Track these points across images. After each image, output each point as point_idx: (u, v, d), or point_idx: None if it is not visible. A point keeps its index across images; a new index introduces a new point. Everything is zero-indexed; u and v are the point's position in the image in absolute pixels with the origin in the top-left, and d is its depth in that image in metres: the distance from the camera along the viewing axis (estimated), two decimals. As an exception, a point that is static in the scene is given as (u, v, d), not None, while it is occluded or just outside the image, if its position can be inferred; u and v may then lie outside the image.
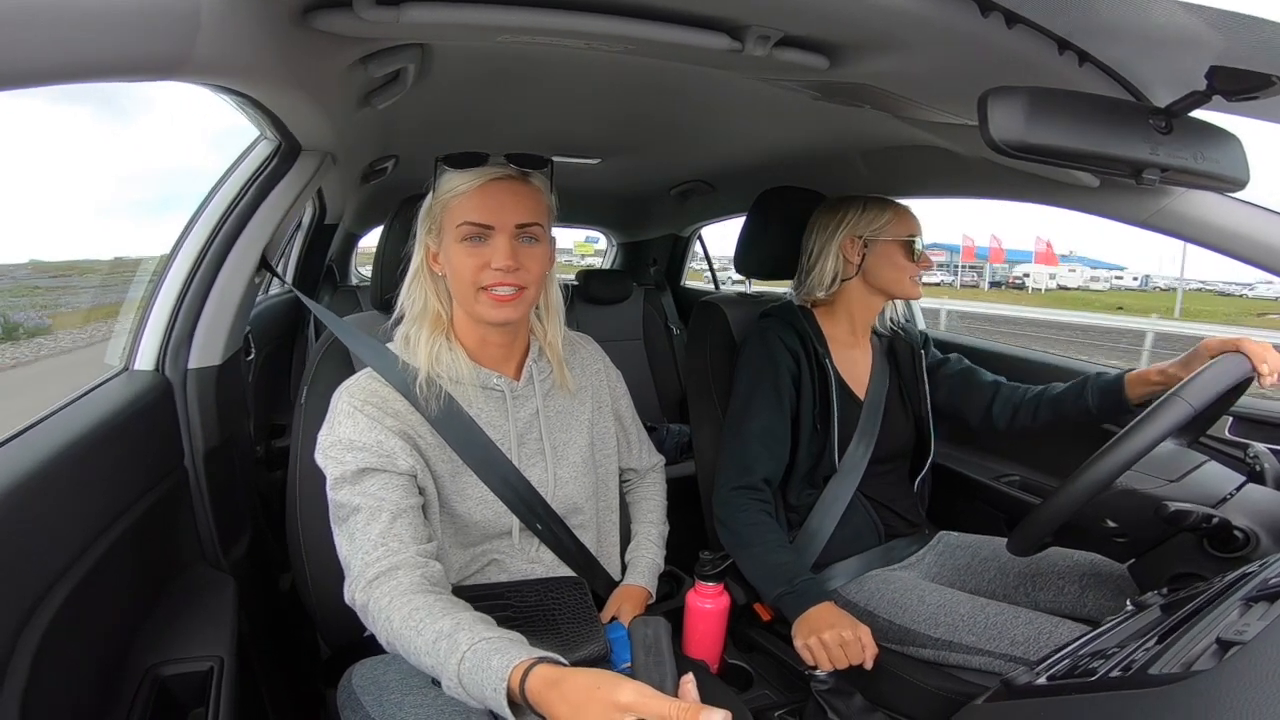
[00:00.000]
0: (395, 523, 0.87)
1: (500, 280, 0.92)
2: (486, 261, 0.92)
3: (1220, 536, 1.01)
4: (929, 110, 1.03)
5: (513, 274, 0.92)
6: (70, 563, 0.77)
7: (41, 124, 0.98)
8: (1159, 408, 0.98)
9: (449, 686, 0.73)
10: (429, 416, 0.95)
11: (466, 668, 0.71)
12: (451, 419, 0.96)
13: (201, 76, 0.65)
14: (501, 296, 0.93)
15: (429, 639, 0.76)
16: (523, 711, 0.69)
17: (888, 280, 1.37)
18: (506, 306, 0.94)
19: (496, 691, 0.68)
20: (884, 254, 1.36)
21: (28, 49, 0.42)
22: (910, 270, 1.37)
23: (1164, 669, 0.57)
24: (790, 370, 1.33)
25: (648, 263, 3.27)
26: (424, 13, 0.68)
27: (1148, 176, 0.77)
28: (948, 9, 0.68)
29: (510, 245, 0.92)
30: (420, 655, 0.77)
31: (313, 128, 1.08)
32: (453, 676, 0.72)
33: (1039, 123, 0.72)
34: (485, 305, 0.94)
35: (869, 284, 1.39)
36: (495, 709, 0.69)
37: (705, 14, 0.77)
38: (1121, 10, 0.66)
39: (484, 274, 0.93)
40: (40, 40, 0.42)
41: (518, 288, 0.93)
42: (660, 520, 1.24)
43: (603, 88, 1.34)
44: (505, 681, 0.68)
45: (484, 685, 0.69)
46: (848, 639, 1.07)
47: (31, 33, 0.41)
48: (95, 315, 1.53)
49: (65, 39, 0.44)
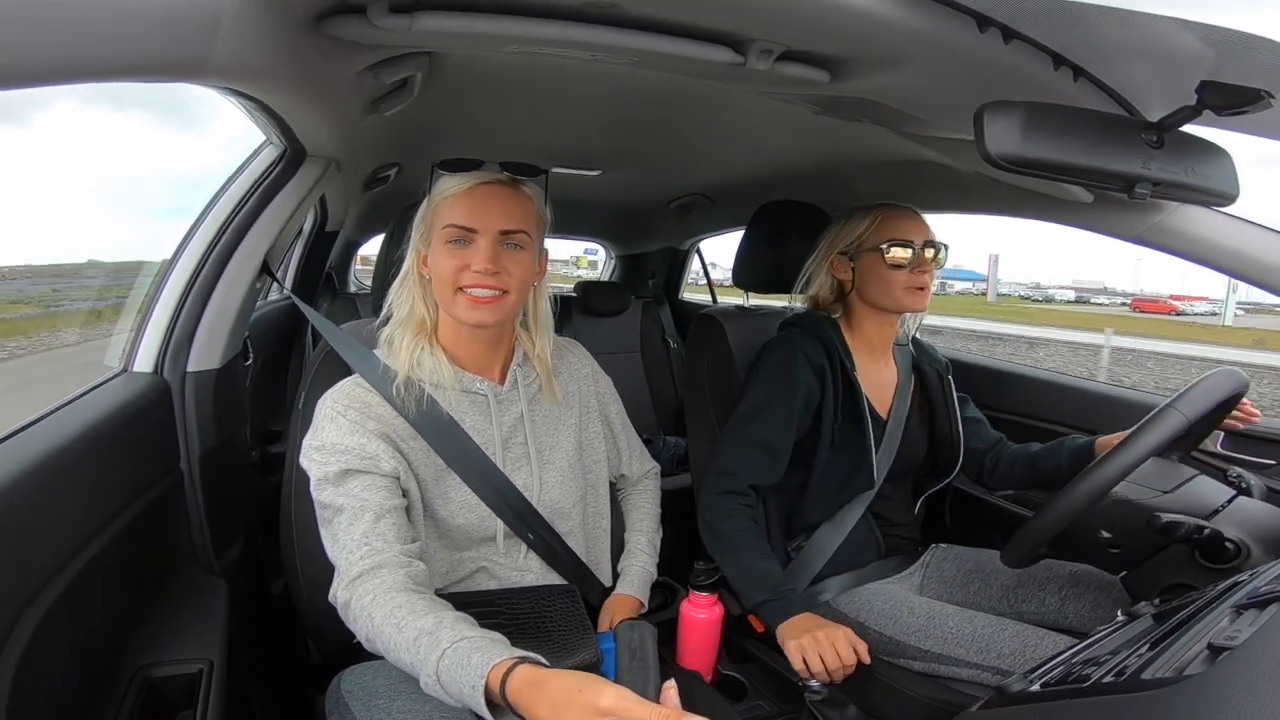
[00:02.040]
0: (379, 523, 0.87)
1: (479, 282, 0.92)
2: (467, 264, 0.93)
3: (1212, 548, 1.02)
4: (927, 125, 1.05)
5: (492, 277, 0.92)
6: (64, 562, 0.77)
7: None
8: (1154, 419, 0.99)
9: (427, 684, 0.72)
10: (409, 418, 0.95)
11: (446, 664, 0.70)
12: (432, 421, 0.97)
13: (218, 79, 0.66)
14: (479, 298, 0.93)
15: (410, 636, 0.75)
16: (502, 711, 0.68)
17: (876, 295, 1.29)
18: (483, 309, 0.94)
19: (475, 689, 0.67)
20: (868, 266, 1.28)
21: (53, 46, 0.43)
22: (899, 280, 1.26)
23: (1156, 674, 0.58)
24: (813, 391, 1.27)
25: (646, 275, 3.28)
26: (436, 21, 0.70)
27: (1140, 191, 0.79)
28: (947, 24, 0.70)
29: (492, 249, 0.92)
30: (400, 652, 0.76)
31: (319, 133, 1.09)
32: (431, 674, 0.71)
33: (1034, 137, 0.73)
34: (462, 306, 0.94)
35: (866, 301, 1.32)
36: (473, 707, 0.68)
37: (709, 28, 0.79)
38: (1116, 26, 0.67)
39: (463, 275, 0.93)
40: (65, 38, 0.43)
41: (498, 291, 0.94)
42: (653, 528, 1.23)
43: (605, 100, 1.36)
44: (484, 679, 0.67)
45: (463, 683, 0.68)
46: (837, 636, 1.07)
47: (56, 30, 0.42)
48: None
49: (90, 37, 0.44)
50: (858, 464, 1.29)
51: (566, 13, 0.73)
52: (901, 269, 1.26)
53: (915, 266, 1.26)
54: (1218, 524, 1.01)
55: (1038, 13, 0.68)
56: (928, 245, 1.27)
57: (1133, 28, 0.67)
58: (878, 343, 1.37)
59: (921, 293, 1.28)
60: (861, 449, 1.29)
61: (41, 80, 0.45)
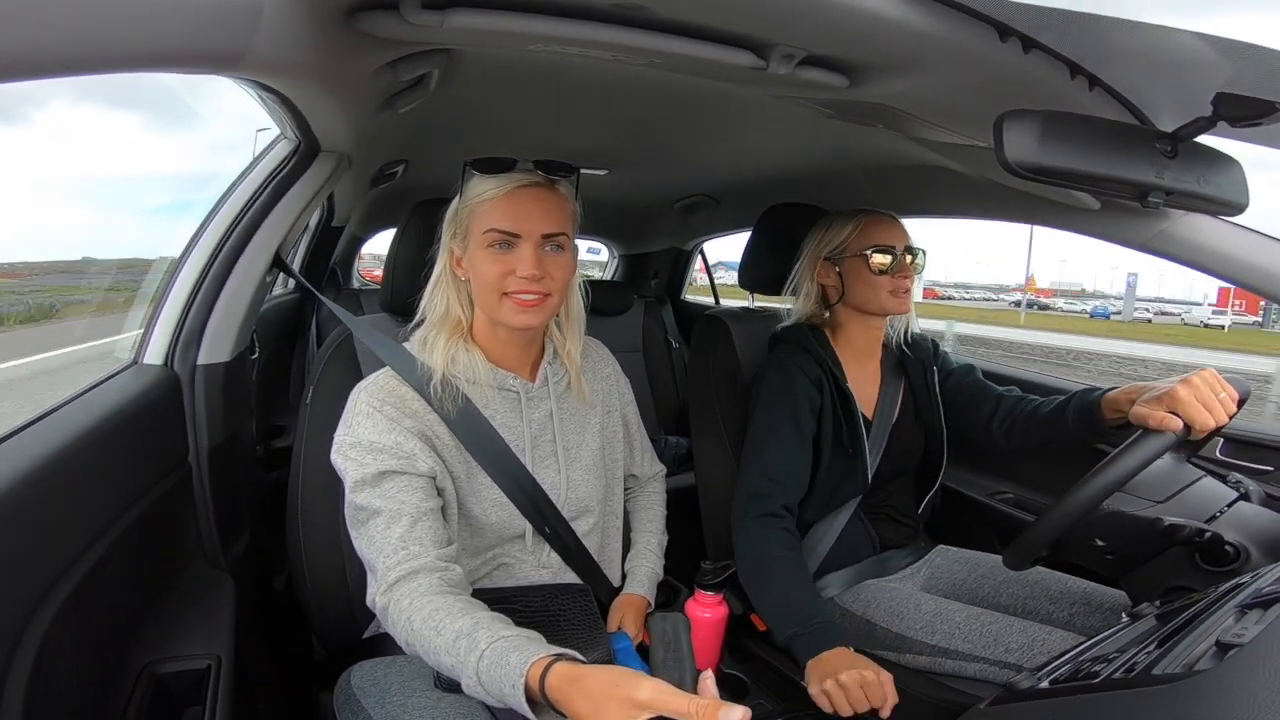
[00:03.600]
0: (415, 526, 0.87)
1: (524, 287, 0.93)
2: (512, 269, 0.93)
3: (1212, 551, 1.03)
4: (940, 131, 1.06)
5: (537, 282, 0.93)
6: (76, 556, 0.77)
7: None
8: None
9: (469, 686, 0.73)
10: (445, 417, 0.95)
11: (485, 665, 0.71)
12: (467, 420, 0.97)
13: (252, 72, 0.67)
14: (525, 302, 0.94)
15: (449, 638, 0.76)
16: (542, 709, 0.68)
17: (861, 299, 1.32)
18: (530, 312, 0.94)
19: (515, 688, 0.68)
20: (853, 271, 1.31)
21: (98, 35, 0.43)
22: (883, 285, 1.29)
23: (1166, 670, 0.59)
24: (813, 401, 1.30)
25: (649, 275, 3.29)
26: (467, 19, 0.70)
27: (1153, 199, 0.80)
28: (969, 33, 0.71)
29: (536, 254, 0.93)
30: (440, 655, 0.77)
31: (334, 128, 1.09)
32: (472, 675, 0.72)
33: (1052, 146, 0.74)
34: (509, 310, 0.94)
35: (851, 306, 1.35)
36: (515, 706, 0.69)
37: (733, 31, 0.79)
38: (1132, 36, 0.69)
39: (509, 280, 0.93)
40: (112, 28, 0.43)
41: (542, 295, 0.94)
42: (660, 530, 1.24)
43: (614, 100, 1.37)
44: (523, 677, 0.68)
45: (503, 682, 0.69)
46: (869, 679, 1.00)
47: (104, 19, 0.43)
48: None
49: (134, 27, 0.45)
50: (851, 469, 1.31)
51: (594, 13, 0.74)
52: (885, 274, 1.29)
53: (897, 271, 1.29)
54: (1218, 528, 1.03)
55: (1059, 23, 0.69)
56: (907, 250, 1.31)
57: (1149, 38, 0.68)
58: (865, 346, 1.39)
59: (905, 296, 1.31)
60: (855, 454, 1.31)
61: (85, 69, 0.45)
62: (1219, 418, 0.99)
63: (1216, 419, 0.99)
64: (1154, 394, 1.05)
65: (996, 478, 1.74)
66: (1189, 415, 0.99)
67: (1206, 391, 1.00)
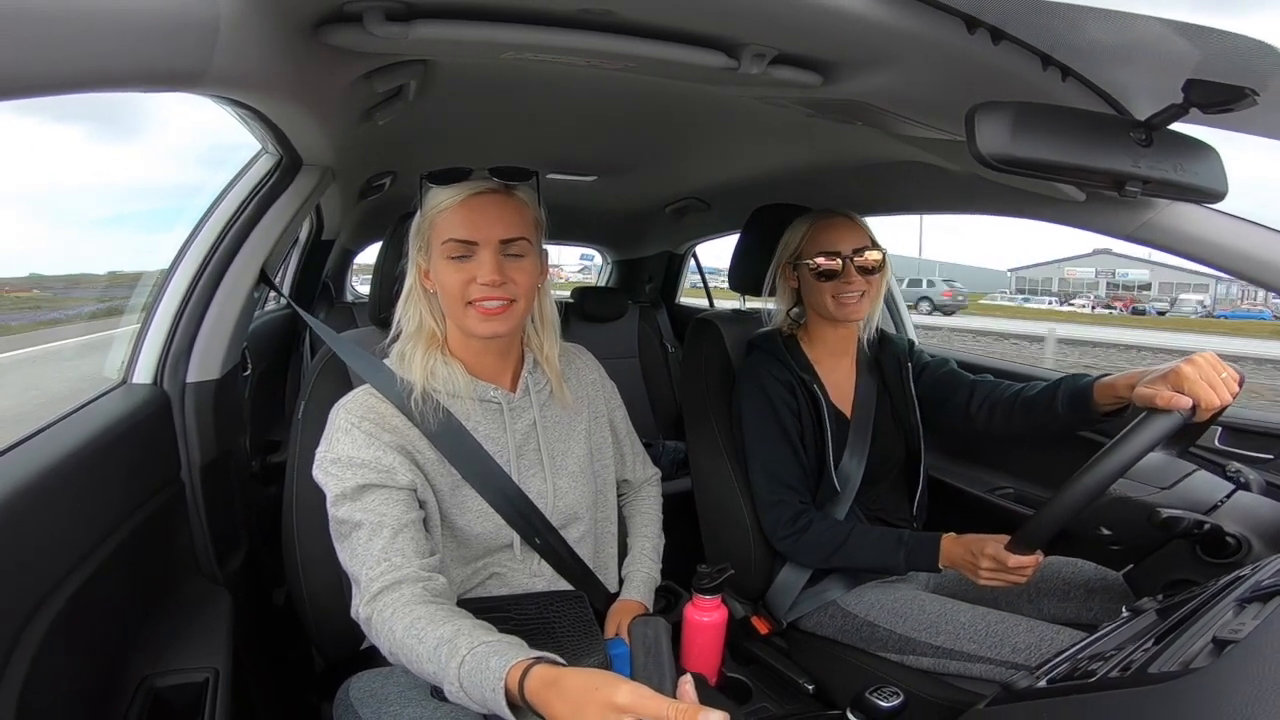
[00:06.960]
0: (397, 538, 0.87)
1: (486, 294, 0.93)
2: (473, 276, 0.93)
3: (1212, 542, 1.02)
4: (919, 126, 1.06)
5: (499, 288, 0.93)
6: (67, 573, 0.77)
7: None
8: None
9: (451, 692, 0.73)
10: (426, 431, 0.95)
11: (466, 670, 0.71)
12: (449, 433, 0.97)
13: (216, 89, 0.67)
14: (489, 310, 0.93)
15: (430, 646, 0.76)
16: (522, 712, 0.69)
17: (814, 304, 1.32)
18: (495, 320, 0.94)
19: (495, 692, 0.68)
20: (804, 276, 1.31)
21: (52, 57, 0.43)
22: (826, 290, 1.28)
23: (1162, 668, 0.58)
24: (788, 403, 1.32)
25: (643, 280, 3.29)
26: (432, 30, 0.70)
27: (1130, 189, 0.80)
28: (936, 26, 0.71)
29: (495, 260, 0.92)
30: (423, 663, 0.77)
31: (315, 142, 1.10)
32: (454, 681, 0.72)
33: (1024, 137, 0.74)
34: (474, 319, 0.94)
35: (813, 309, 1.35)
36: (496, 710, 0.69)
37: (703, 33, 0.79)
38: (1102, 26, 0.68)
39: (470, 288, 0.93)
40: (65, 49, 0.44)
41: (506, 301, 0.94)
42: (656, 534, 1.24)
43: (599, 106, 1.37)
44: (503, 681, 0.68)
45: (483, 686, 0.69)
46: (991, 551, 1.08)
47: (56, 41, 0.43)
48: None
49: (90, 49, 0.45)
50: (825, 471, 1.32)
51: (561, 19, 0.74)
52: (830, 279, 1.28)
53: (842, 277, 1.27)
54: (1218, 519, 1.02)
55: (1026, 13, 0.68)
56: (857, 252, 1.27)
57: (1119, 27, 0.68)
58: (837, 345, 1.39)
59: (854, 301, 1.28)
60: (837, 454, 1.32)
61: (40, 91, 0.45)
62: (1224, 397, 0.98)
63: (1221, 398, 0.97)
64: (1155, 375, 1.04)
65: (995, 473, 1.73)
66: (1196, 393, 0.97)
67: (1211, 371, 0.99)
